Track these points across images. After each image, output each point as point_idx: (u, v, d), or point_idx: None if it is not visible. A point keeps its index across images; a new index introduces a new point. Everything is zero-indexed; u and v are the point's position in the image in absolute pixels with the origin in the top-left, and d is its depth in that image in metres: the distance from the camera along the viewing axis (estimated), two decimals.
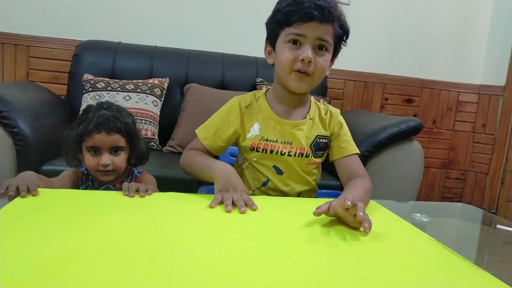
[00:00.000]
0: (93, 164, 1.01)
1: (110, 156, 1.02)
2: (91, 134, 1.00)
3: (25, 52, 2.22)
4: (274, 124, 1.02)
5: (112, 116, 1.02)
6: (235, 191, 0.84)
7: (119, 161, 1.03)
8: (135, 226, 0.66)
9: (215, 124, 1.04)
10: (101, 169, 1.01)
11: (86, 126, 1.01)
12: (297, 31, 0.93)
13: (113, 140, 1.01)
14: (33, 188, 0.80)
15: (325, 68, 0.97)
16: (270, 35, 1.01)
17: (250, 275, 0.51)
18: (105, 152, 1.01)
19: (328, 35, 0.94)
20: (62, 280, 0.46)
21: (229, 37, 2.38)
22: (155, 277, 0.48)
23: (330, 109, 1.09)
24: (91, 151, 1.01)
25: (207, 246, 0.59)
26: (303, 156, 1.02)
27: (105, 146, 1.01)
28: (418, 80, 2.66)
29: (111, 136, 1.00)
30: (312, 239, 0.66)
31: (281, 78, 0.99)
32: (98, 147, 1.01)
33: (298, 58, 0.93)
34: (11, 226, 0.61)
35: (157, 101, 1.97)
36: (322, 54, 0.96)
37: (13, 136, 1.44)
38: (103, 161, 1.00)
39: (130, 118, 1.07)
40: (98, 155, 1.01)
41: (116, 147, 1.02)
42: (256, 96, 1.07)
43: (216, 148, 1.05)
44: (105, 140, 1.00)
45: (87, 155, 1.02)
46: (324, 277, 0.53)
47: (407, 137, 1.76)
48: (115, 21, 2.29)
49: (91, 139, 1.00)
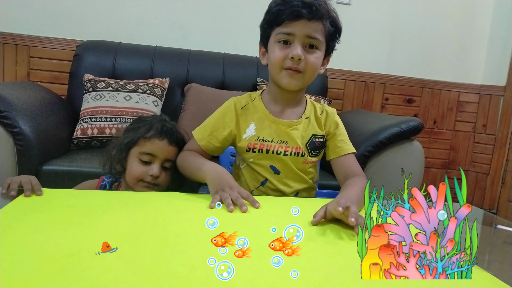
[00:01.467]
0: (140, 172, 0.94)
1: (161, 169, 0.96)
2: (151, 139, 0.95)
3: (25, 52, 2.22)
4: (269, 124, 1.02)
5: (175, 127, 0.99)
6: (231, 189, 0.83)
7: (167, 178, 0.98)
8: (135, 226, 0.65)
9: (210, 125, 1.04)
10: (147, 180, 0.95)
11: (148, 130, 0.96)
12: (286, 30, 0.93)
13: (171, 152, 0.97)
14: (38, 188, 0.77)
15: (316, 65, 0.97)
16: (262, 36, 1.03)
17: (250, 275, 0.51)
18: (158, 162, 0.96)
19: (318, 32, 0.94)
20: (62, 280, 0.46)
21: (229, 37, 2.38)
22: (155, 277, 0.48)
23: (326, 108, 1.10)
24: (143, 159, 0.95)
25: (207, 246, 0.59)
26: (298, 155, 1.03)
27: (161, 155, 0.96)
28: (418, 80, 2.65)
29: (171, 147, 0.97)
30: (312, 239, 0.66)
31: (273, 76, 1.00)
32: (154, 155, 0.95)
33: (288, 56, 0.93)
34: (11, 226, 0.61)
35: (157, 101, 1.97)
36: (313, 52, 0.96)
37: (14, 136, 1.44)
38: (154, 171, 0.94)
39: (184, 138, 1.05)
40: (148, 165, 0.95)
41: (169, 160, 0.98)
42: (252, 97, 1.07)
43: (212, 149, 1.04)
44: (165, 149, 0.96)
45: (135, 162, 0.95)
46: (324, 277, 0.53)
47: (407, 137, 1.75)
48: (116, 21, 2.29)
49: (150, 144, 0.95)
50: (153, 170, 0.94)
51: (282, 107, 1.04)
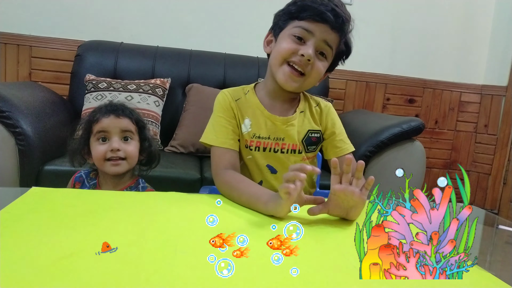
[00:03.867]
0: (102, 151, 0.96)
1: (120, 142, 0.98)
2: (100, 120, 0.97)
3: (27, 52, 2.22)
4: (265, 120, 0.98)
5: (119, 104, 1.01)
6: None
7: (131, 148, 0.99)
8: (136, 226, 0.65)
9: (223, 123, 0.96)
10: (110, 156, 0.96)
11: (94, 114, 0.99)
12: (306, 25, 0.89)
13: (123, 123, 0.98)
14: None
15: (320, 73, 0.94)
16: (276, 24, 0.97)
17: (250, 275, 0.51)
18: (114, 136, 0.97)
19: (333, 43, 0.92)
20: (62, 280, 0.46)
21: (230, 37, 2.38)
22: (156, 277, 0.48)
23: (320, 102, 1.06)
24: (100, 139, 0.97)
25: (207, 245, 0.59)
26: (295, 152, 0.99)
27: (114, 129, 0.97)
28: (420, 80, 2.65)
29: (120, 119, 0.97)
30: (311, 237, 0.66)
31: (273, 67, 0.95)
32: (107, 131, 0.97)
33: (298, 52, 0.89)
34: (11, 226, 0.61)
35: (159, 101, 1.97)
36: (322, 59, 0.93)
37: (16, 136, 1.44)
38: (113, 144, 0.96)
39: (138, 116, 1.07)
40: (106, 143, 0.97)
41: (126, 131, 0.98)
42: (245, 90, 1.02)
43: (237, 145, 0.97)
44: (115, 122, 0.97)
45: (95, 145, 0.98)
46: (324, 277, 0.52)
47: (409, 137, 1.75)
48: (117, 22, 2.30)
49: (100, 124, 0.97)
50: (112, 144, 0.96)
51: (276, 102, 1.00)
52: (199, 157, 1.91)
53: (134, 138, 1.01)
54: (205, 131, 0.99)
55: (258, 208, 0.76)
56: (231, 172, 0.91)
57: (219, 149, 0.94)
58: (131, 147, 0.99)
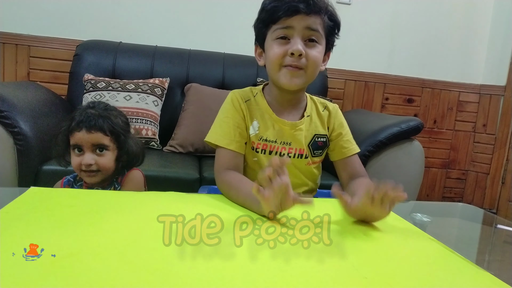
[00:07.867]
0: (76, 163, 0.99)
1: (94, 155, 0.99)
2: (73, 132, 0.98)
3: (26, 52, 2.22)
4: (272, 123, 0.98)
5: (95, 115, 0.99)
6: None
7: (104, 161, 1.00)
8: (136, 226, 0.65)
9: (230, 123, 0.96)
10: (84, 169, 0.99)
11: (69, 125, 0.99)
12: (283, 24, 0.89)
13: (94, 138, 0.98)
14: None
15: (318, 61, 0.91)
16: (258, 36, 0.98)
17: (250, 275, 0.51)
18: (88, 151, 0.99)
19: (317, 25, 0.90)
20: (62, 280, 0.46)
21: (229, 37, 2.38)
22: (155, 277, 0.48)
23: (328, 104, 1.05)
24: (76, 149, 0.99)
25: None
26: (302, 157, 0.99)
27: (86, 144, 0.98)
28: (418, 80, 2.65)
29: (91, 134, 0.98)
30: (312, 238, 0.66)
31: (272, 76, 0.94)
32: (79, 145, 0.99)
33: (288, 52, 0.88)
34: (11, 226, 0.61)
35: (157, 101, 1.97)
36: (313, 45, 0.90)
37: (14, 136, 1.44)
38: (85, 160, 0.98)
39: (120, 118, 1.05)
40: (81, 154, 0.99)
41: (98, 145, 0.99)
42: (254, 92, 1.02)
43: (243, 147, 0.97)
44: (86, 138, 0.98)
45: (72, 155, 1.00)
46: (324, 277, 0.52)
47: (407, 137, 1.76)
48: (116, 21, 2.30)
49: (73, 137, 0.98)
50: (84, 160, 0.98)
51: (284, 108, 1.00)
52: (198, 156, 1.91)
53: (110, 148, 1.01)
54: (211, 130, 0.98)
55: (252, 208, 0.77)
56: (232, 172, 0.91)
57: (225, 150, 0.94)
58: (104, 160, 1.00)
